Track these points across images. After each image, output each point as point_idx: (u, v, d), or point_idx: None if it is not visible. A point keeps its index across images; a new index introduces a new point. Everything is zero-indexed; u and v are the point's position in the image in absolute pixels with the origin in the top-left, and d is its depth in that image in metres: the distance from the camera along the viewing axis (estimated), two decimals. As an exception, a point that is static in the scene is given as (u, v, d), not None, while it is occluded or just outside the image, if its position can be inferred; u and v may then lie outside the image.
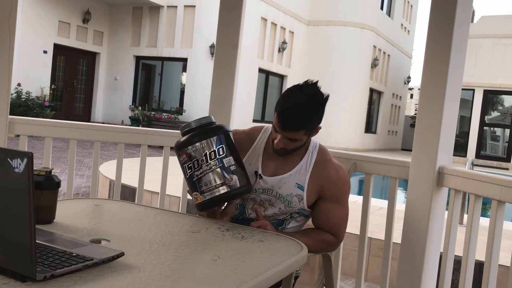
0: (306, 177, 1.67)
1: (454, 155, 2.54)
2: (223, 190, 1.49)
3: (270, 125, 1.72)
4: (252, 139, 1.77)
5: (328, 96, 1.63)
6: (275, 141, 1.62)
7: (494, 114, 20.20)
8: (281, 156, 1.68)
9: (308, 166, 1.69)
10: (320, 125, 1.65)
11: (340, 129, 17.64)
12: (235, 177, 1.51)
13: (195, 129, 1.53)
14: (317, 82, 1.65)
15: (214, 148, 1.49)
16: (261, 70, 16.06)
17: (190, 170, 1.50)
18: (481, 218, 2.00)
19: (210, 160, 1.48)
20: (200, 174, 1.49)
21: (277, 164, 1.70)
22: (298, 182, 1.67)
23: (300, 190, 1.66)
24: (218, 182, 1.49)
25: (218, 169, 1.49)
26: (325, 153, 1.75)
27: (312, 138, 1.73)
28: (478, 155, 18.63)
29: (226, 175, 1.49)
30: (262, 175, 1.69)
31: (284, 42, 16.89)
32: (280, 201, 1.67)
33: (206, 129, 1.53)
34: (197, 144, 1.49)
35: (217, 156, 1.49)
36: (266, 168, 1.70)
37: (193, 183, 1.51)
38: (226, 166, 1.50)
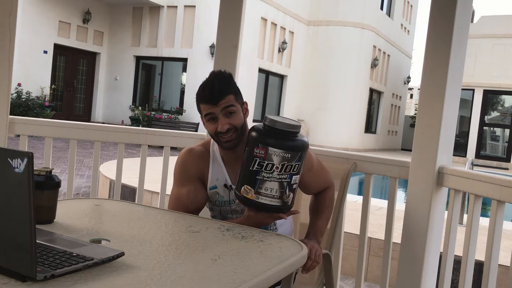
0: None
1: (454, 155, 2.54)
2: (276, 202, 1.49)
3: None
4: (208, 149, 1.76)
5: (231, 73, 1.68)
6: (219, 127, 1.60)
7: (494, 114, 20.20)
8: (234, 147, 1.65)
9: None
10: (245, 100, 1.70)
11: (340, 129, 17.64)
12: (291, 196, 1.52)
13: (285, 133, 1.49)
14: None
15: (293, 163, 1.48)
16: (261, 70, 16.06)
17: (259, 167, 1.48)
18: (481, 218, 2.00)
19: (284, 171, 1.48)
20: (267, 178, 1.48)
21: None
22: None
23: None
24: (277, 194, 1.49)
25: (285, 183, 1.49)
26: None
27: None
28: (478, 155, 18.63)
29: (287, 191, 1.50)
30: (232, 186, 1.69)
31: (284, 42, 16.88)
32: None
33: (296, 140, 1.50)
34: (281, 151, 1.46)
35: (291, 171, 1.48)
36: (233, 178, 1.70)
37: (254, 179, 1.49)
38: (291, 183, 1.50)
